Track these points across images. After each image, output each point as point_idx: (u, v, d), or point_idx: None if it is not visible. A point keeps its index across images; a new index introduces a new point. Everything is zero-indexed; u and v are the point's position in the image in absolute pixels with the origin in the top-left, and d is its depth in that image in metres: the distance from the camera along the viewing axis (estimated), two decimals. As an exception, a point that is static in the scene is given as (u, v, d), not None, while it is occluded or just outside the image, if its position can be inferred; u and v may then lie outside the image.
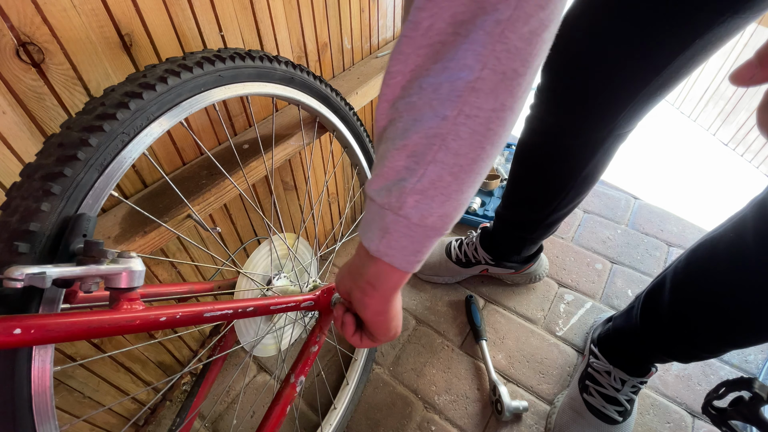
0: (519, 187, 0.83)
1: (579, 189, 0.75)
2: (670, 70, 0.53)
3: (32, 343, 0.29)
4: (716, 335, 0.61)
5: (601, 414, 0.76)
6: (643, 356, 0.75)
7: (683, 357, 0.69)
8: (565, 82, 0.62)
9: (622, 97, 0.58)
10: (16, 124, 0.43)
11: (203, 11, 0.54)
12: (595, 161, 0.69)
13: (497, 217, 0.94)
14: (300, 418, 0.83)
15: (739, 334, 0.59)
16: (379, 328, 0.39)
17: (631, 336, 0.76)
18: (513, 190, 0.85)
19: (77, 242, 0.32)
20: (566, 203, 0.78)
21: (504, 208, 0.90)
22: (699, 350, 0.65)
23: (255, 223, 0.83)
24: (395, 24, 0.96)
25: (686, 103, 1.95)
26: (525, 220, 0.86)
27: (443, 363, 0.92)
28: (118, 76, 0.49)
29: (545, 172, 0.75)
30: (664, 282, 0.69)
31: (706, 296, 0.61)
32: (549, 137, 0.70)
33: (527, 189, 0.82)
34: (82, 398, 0.65)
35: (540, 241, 0.95)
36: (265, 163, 0.63)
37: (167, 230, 0.52)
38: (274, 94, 0.51)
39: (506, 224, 0.92)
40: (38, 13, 0.40)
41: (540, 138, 0.72)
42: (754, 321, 0.55)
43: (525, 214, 0.85)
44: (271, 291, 0.61)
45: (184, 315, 0.39)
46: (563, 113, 0.65)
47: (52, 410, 0.32)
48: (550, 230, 0.88)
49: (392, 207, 0.29)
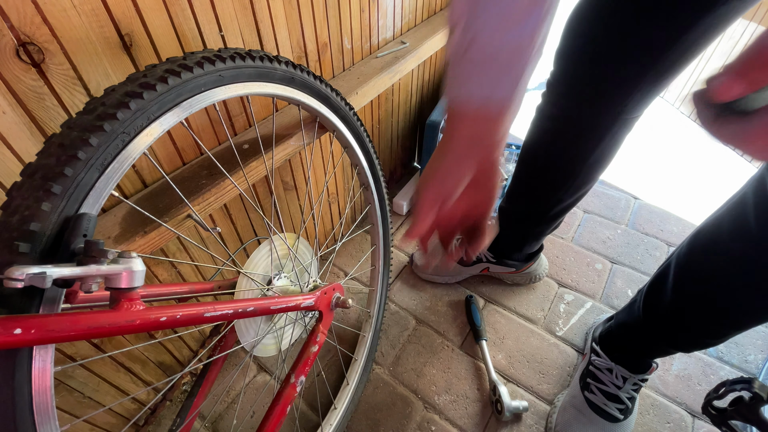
0: (523, 180, 0.84)
1: (585, 177, 0.75)
2: (676, 53, 0.54)
3: (33, 343, 0.29)
4: (721, 317, 0.61)
5: (603, 411, 0.77)
6: (645, 350, 0.75)
7: (687, 345, 0.69)
8: (574, 71, 0.63)
9: (629, 81, 0.59)
10: (16, 124, 0.43)
11: (203, 11, 0.54)
12: (602, 148, 0.69)
13: (500, 213, 0.94)
14: (300, 418, 0.83)
15: (744, 313, 0.58)
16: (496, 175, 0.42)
17: (633, 329, 0.76)
18: (517, 183, 0.85)
19: (78, 242, 0.32)
20: (572, 193, 0.78)
21: (507, 203, 0.90)
22: (703, 336, 0.65)
23: (255, 223, 0.83)
24: (395, 24, 0.96)
25: (686, 103, 1.95)
26: (529, 212, 0.86)
27: (443, 363, 0.92)
28: (118, 76, 0.49)
29: (551, 161, 0.76)
30: (667, 270, 0.69)
31: (709, 277, 0.61)
32: (557, 125, 0.71)
33: (532, 181, 0.82)
34: (82, 398, 0.65)
35: (542, 238, 0.95)
36: (265, 163, 0.63)
37: (167, 230, 0.52)
38: (275, 94, 0.51)
39: (509, 219, 0.92)
40: (38, 13, 0.40)
41: (547, 129, 0.73)
42: (760, 298, 0.56)
43: (529, 206, 0.85)
44: (272, 291, 0.61)
45: (185, 315, 0.39)
46: (572, 102, 0.66)
47: (53, 410, 0.32)
48: (553, 224, 0.88)
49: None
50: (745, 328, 0.61)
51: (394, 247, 1.18)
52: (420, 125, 1.31)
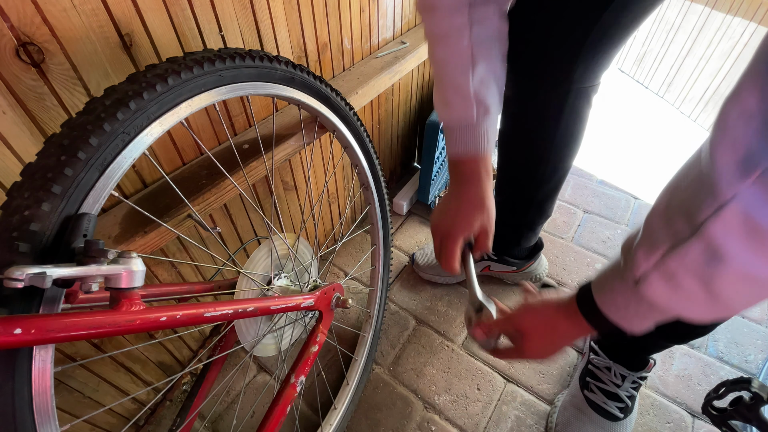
0: (505, 169, 0.86)
1: (558, 156, 0.76)
2: (617, 7, 0.54)
3: (33, 343, 0.29)
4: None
5: (602, 410, 0.77)
6: (640, 345, 0.76)
7: (678, 337, 0.70)
8: (516, 45, 0.64)
9: (570, 45, 0.60)
10: (16, 124, 0.43)
11: (203, 11, 0.54)
12: (564, 122, 0.70)
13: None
14: (300, 418, 0.83)
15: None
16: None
17: None
18: (501, 173, 0.87)
19: (78, 242, 0.32)
20: (550, 175, 0.79)
21: (498, 195, 0.91)
22: (692, 325, 0.65)
23: (255, 223, 0.83)
24: (395, 24, 0.96)
25: (686, 103, 1.95)
26: (516, 202, 0.87)
27: (443, 363, 0.92)
28: (118, 76, 0.49)
29: (521, 144, 0.78)
30: None
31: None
32: (518, 107, 0.73)
33: (512, 168, 0.84)
34: (82, 398, 0.65)
35: (537, 228, 0.95)
36: (265, 163, 0.63)
37: (167, 230, 0.52)
38: (275, 94, 0.51)
39: (502, 212, 0.92)
40: (38, 13, 0.40)
41: (510, 114, 0.75)
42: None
43: (515, 195, 0.86)
44: (272, 291, 0.61)
45: (185, 315, 0.39)
46: (523, 79, 0.68)
47: (53, 410, 0.32)
48: (542, 212, 0.89)
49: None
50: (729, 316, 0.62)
51: (394, 247, 1.18)
52: (420, 125, 1.31)
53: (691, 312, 0.33)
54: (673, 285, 0.32)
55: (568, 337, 0.45)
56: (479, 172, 0.57)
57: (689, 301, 0.32)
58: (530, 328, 0.47)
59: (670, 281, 0.32)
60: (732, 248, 0.28)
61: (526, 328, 0.47)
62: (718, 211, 0.28)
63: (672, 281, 0.32)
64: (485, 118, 0.54)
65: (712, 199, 0.28)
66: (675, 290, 0.32)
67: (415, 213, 1.29)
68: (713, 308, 0.32)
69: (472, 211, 0.58)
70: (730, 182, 0.26)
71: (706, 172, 0.29)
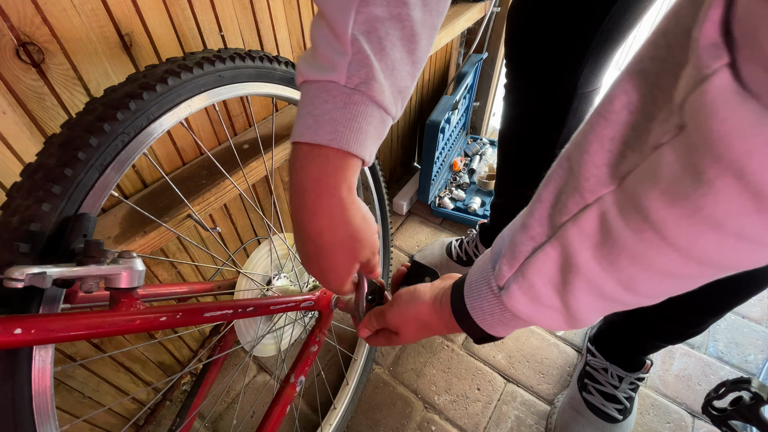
0: (505, 171, 0.85)
1: None
2: (618, 12, 0.55)
3: (33, 343, 0.29)
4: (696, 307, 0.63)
5: (601, 412, 0.77)
6: (635, 346, 0.76)
7: (672, 338, 0.71)
8: (522, 51, 0.64)
9: (576, 48, 0.60)
10: (16, 124, 0.43)
11: (203, 11, 0.54)
12: (568, 127, 0.70)
13: (492, 209, 0.95)
14: (300, 418, 0.83)
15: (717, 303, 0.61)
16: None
17: (620, 325, 0.77)
18: (501, 175, 0.87)
19: (77, 242, 0.32)
20: None
21: (497, 197, 0.91)
22: (684, 327, 0.67)
23: (255, 223, 0.83)
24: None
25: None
26: (519, 201, 0.87)
27: (443, 363, 0.92)
28: (118, 76, 0.49)
29: (524, 146, 0.78)
30: None
31: None
32: (520, 109, 0.73)
33: (514, 169, 0.83)
34: (82, 398, 0.65)
35: None
36: (265, 163, 0.63)
37: (167, 230, 0.52)
38: (274, 94, 0.51)
39: (503, 213, 0.92)
40: (38, 13, 0.40)
41: (512, 116, 0.75)
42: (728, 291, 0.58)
43: (518, 196, 0.86)
44: (271, 291, 0.61)
45: (184, 315, 0.39)
46: (528, 83, 0.68)
47: (53, 410, 0.32)
48: None
49: None
50: (721, 314, 0.63)
51: (394, 247, 1.18)
52: (420, 125, 1.31)
53: (551, 324, 0.32)
54: (532, 296, 0.30)
55: (442, 331, 0.43)
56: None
57: (549, 313, 0.31)
58: (402, 327, 0.44)
59: (529, 292, 0.30)
60: (584, 257, 0.26)
61: (399, 327, 0.44)
62: (578, 214, 0.26)
63: (530, 292, 0.30)
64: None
65: (579, 198, 0.26)
66: (534, 302, 0.30)
67: (415, 213, 1.29)
68: (569, 320, 0.31)
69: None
70: (596, 185, 0.25)
71: (576, 169, 0.27)
